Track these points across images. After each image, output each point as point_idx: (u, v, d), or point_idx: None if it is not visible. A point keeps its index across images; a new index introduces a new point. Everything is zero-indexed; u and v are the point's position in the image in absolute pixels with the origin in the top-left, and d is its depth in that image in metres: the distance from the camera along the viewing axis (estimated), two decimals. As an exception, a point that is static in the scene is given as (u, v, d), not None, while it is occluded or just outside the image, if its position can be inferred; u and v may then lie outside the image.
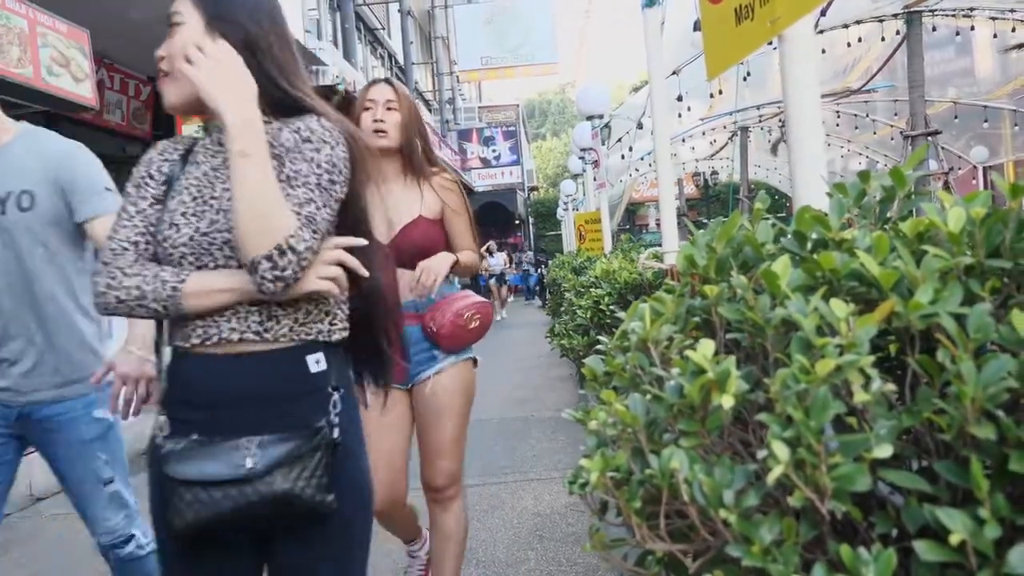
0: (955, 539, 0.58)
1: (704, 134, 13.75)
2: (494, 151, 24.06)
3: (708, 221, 1.10)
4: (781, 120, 10.58)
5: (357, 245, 1.29)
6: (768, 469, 0.65)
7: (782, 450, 0.64)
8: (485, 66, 22.31)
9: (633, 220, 29.36)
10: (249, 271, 1.17)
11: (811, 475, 0.64)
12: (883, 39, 8.04)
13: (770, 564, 0.65)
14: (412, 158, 2.22)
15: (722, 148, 14.94)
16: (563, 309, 5.55)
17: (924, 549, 0.60)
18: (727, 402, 0.71)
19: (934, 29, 8.30)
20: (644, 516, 0.77)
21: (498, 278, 17.22)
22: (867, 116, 11.91)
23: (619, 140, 11.22)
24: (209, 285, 1.21)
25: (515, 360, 8.87)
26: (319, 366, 1.28)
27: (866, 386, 0.66)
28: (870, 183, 0.92)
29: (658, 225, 3.88)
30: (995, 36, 8.61)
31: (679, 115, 8.53)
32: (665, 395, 0.79)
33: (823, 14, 6.65)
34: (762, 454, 0.67)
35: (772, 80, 9.52)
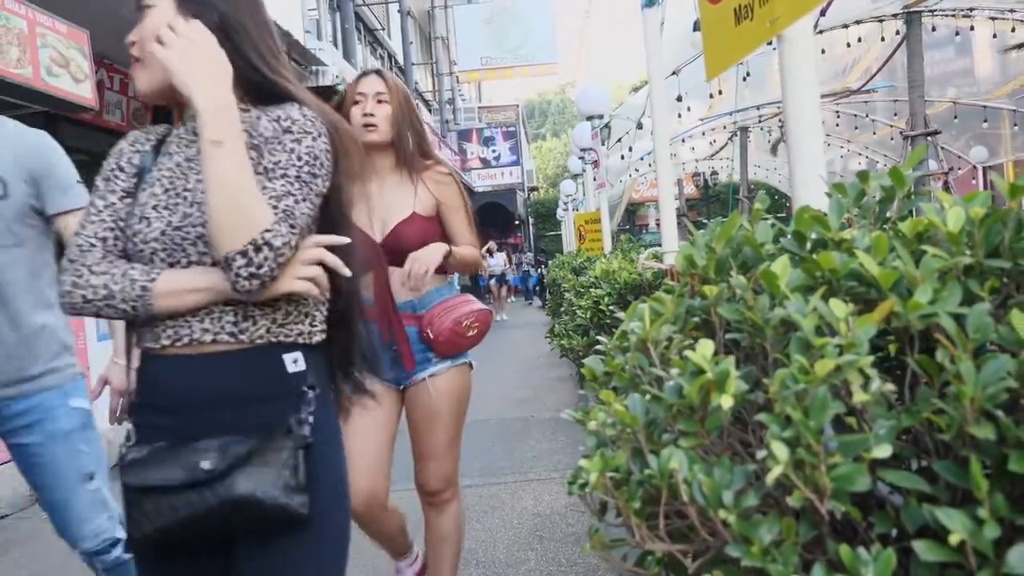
0: (954, 539, 0.58)
1: (704, 134, 13.76)
2: (494, 151, 24.07)
3: (708, 221, 1.10)
4: (781, 120, 10.58)
5: (339, 243, 1.21)
6: (767, 469, 0.65)
7: (781, 450, 0.64)
8: (485, 66, 22.33)
9: (633, 220, 29.37)
10: (223, 268, 1.10)
11: (810, 475, 0.64)
12: (883, 39, 8.04)
13: (769, 564, 0.65)
14: (404, 152, 2.12)
15: (722, 148, 14.95)
16: (563, 309, 5.56)
17: (923, 549, 0.60)
18: (726, 402, 0.71)
19: (934, 29, 8.30)
20: (643, 516, 0.77)
21: (499, 279, 17.22)
22: (867, 116, 11.91)
23: (619, 140, 11.22)
24: (181, 284, 1.14)
25: (515, 360, 8.87)
26: (297, 366, 1.20)
27: (865, 386, 0.66)
28: (869, 183, 0.92)
29: (658, 225, 3.88)
30: (995, 36, 8.62)
31: (679, 115, 8.53)
32: (664, 395, 0.79)
33: (823, 14, 6.66)
34: (761, 454, 0.67)
35: (772, 80, 9.51)
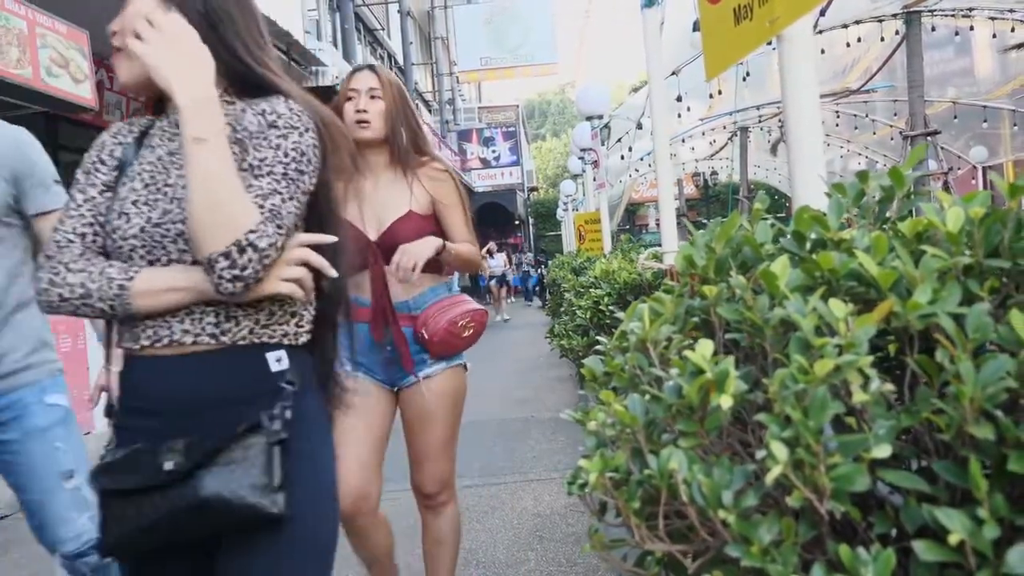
0: (954, 539, 0.58)
1: (704, 134, 13.76)
2: (494, 152, 24.07)
3: (708, 221, 1.09)
4: (780, 120, 10.58)
5: (325, 243, 1.18)
6: (767, 469, 0.65)
7: (781, 450, 0.64)
8: (485, 66, 22.35)
9: (633, 220, 29.38)
10: (205, 269, 1.06)
11: (810, 475, 0.64)
12: (882, 39, 8.05)
13: (769, 564, 0.65)
14: (398, 149, 2.07)
15: (722, 148, 14.95)
16: (563, 310, 5.56)
17: (923, 549, 0.60)
18: (726, 402, 0.71)
19: (933, 29, 8.31)
20: (643, 516, 0.77)
21: (499, 279, 17.21)
22: (866, 116, 11.92)
23: (619, 140, 11.23)
24: (160, 283, 1.10)
25: (515, 361, 8.87)
26: (280, 364, 1.16)
27: (865, 386, 0.66)
28: (869, 183, 0.92)
29: (658, 225, 3.87)
30: (994, 36, 8.63)
31: (679, 115, 8.53)
32: (664, 395, 0.79)
33: (822, 14, 6.66)
34: (761, 454, 0.67)
35: (771, 80, 9.51)
